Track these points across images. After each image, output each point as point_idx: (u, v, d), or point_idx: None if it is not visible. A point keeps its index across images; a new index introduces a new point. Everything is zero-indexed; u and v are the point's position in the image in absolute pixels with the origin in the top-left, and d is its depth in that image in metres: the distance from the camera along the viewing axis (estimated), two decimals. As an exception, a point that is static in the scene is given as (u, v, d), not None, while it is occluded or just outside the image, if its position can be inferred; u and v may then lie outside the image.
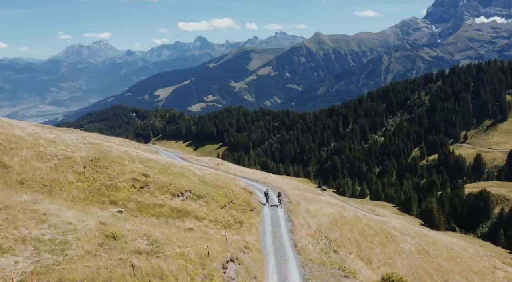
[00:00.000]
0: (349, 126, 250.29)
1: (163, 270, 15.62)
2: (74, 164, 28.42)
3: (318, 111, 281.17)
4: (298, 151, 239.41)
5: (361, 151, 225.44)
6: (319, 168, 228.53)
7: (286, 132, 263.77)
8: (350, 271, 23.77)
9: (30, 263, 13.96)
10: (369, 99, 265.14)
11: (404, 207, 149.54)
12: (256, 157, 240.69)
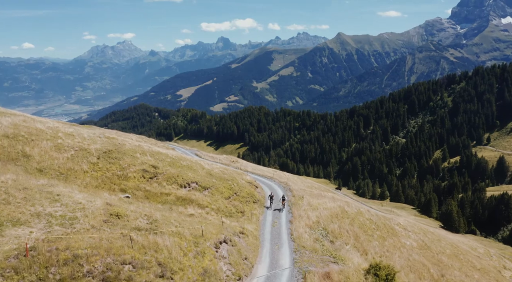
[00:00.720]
0: (370, 128, 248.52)
1: (159, 244, 17.62)
2: (89, 155, 30.90)
3: (339, 112, 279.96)
4: (319, 152, 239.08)
5: (382, 152, 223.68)
6: (339, 169, 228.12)
7: (306, 133, 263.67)
8: (340, 258, 25.25)
9: (43, 233, 16.21)
10: (391, 100, 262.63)
11: (424, 209, 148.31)
12: (276, 157, 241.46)
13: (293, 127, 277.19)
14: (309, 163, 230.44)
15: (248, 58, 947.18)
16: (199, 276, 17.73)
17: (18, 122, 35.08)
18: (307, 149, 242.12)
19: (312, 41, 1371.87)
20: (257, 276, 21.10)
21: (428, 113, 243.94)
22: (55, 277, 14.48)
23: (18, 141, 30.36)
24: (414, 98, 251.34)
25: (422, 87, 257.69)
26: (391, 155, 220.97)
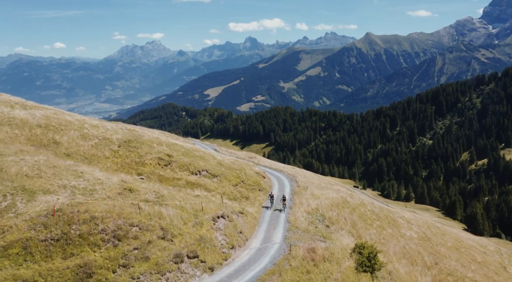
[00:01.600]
0: (396, 128, 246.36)
1: (162, 213, 20.99)
2: (111, 143, 34.77)
3: (365, 113, 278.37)
4: (344, 152, 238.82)
5: (408, 154, 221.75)
6: (365, 170, 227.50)
7: (332, 133, 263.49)
8: (330, 239, 27.94)
9: (67, 199, 19.86)
10: (418, 101, 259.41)
11: (449, 211, 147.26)
12: (302, 157, 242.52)
13: (318, 128, 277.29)
14: (334, 164, 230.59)
15: (276, 58, 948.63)
16: (196, 241, 20.98)
17: (50, 115, 39.48)
18: (333, 149, 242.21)
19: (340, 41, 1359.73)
20: (250, 247, 24.14)
21: (456, 114, 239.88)
22: (75, 232, 18.04)
23: (49, 130, 34.59)
24: (441, 99, 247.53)
25: (450, 88, 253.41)
26: (417, 156, 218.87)
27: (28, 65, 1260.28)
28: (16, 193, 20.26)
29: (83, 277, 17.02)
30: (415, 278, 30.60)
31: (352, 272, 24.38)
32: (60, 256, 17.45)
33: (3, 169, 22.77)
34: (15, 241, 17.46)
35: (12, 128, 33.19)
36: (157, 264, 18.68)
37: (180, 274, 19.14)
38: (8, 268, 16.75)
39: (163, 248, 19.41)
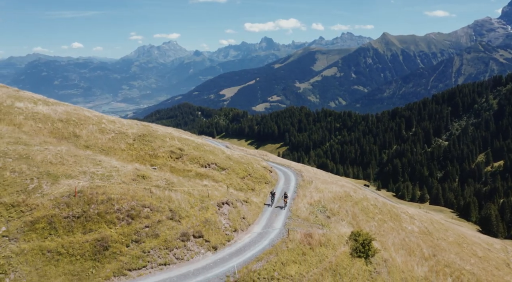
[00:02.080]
0: (412, 129, 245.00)
1: (172, 197, 23.26)
2: (127, 137, 37.28)
3: (380, 113, 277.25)
4: (359, 153, 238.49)
5: (423, 155, 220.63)
6: (379, 171, 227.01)
7: (347, 134, 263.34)
8: (328, 227, 29.82)
9: (87, 183, 22.29)
10: (434, 102, 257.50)
11: (463, 213, 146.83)
12: (316, 157, 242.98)
13: (333, 128, 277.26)
14: (348, 164, 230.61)
15: (291, 59, 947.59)
16: (201, 223, 23.18)
17: (70, 111, 42.26)
18: (347, 150, 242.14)
19: (357, 41, 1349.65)
20: (252, 232, 26.22)
21: (472, 115, 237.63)
22: (94, 211, 20.42)
23: (69, 124, 37.29)
24: (458, 100, 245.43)
25: (467, 89, 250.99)
26: (432, 158, 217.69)
27: (46, 65, 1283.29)
28: (41, 177, 22.79)
29: (100, 250, 19.36)
30: (411, 267, 32.19)
31: (346, 257, 26.21)
32: (80, 231, 19.85)
33: (30, 156, 25.36)
34: (41, 217, 19.93)
35: (36, 122, 35.96)
36: (165, 241, 20.94)
37: (186, 251, 21.34)
38: (35, 240, 19.20)
39: (171, 227, 21.68)
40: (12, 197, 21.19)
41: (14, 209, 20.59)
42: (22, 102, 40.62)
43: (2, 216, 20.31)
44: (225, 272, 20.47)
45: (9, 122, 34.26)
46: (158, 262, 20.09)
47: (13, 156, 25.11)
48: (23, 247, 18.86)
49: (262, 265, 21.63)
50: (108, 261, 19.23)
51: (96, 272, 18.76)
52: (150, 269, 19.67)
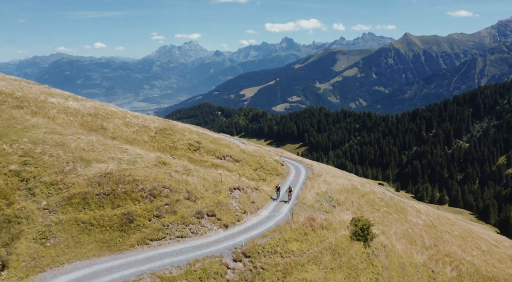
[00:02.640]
0: (432, 131, 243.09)
1: (188, 181, 26.29)
2: (149, 130, 40.63)
3: (401, 114, 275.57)
4: (378, 154, 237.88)
5: (443, 156, 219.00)
6: (399, 172, 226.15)
7: (367, 135, 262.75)
8: (331, 213, 32.31)
9: (115, 166, 25.53)
10: (455, 103, 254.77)
11: (482, 215, 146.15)
12: (335, 158, 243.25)
13: (353, 129, 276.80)
14: (368, 165, 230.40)
15: (312, 59, 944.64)
16: (214, 204, 26.14)
17: (98, 106, 45.97)
18: (367, 151, 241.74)
19: (378, 41, 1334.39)
20: (260, 215, 29.06)
21: (494, 117, 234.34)
22: (121, 190, 23.62)
23: (98, 118, 40.86)
24: (479, 102, 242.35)
25: (488, 90, 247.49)
26: (453, 159, 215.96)
27: (69, 65, 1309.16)
28: (76, 161, 26.16)
29: (126, 222, 22.51)
30: (411, 254, 34.37)
31: (346, 239, 28.72)
32: (110, 206, 23.06)
33: (65, 144, 28.82)
34: (77, 194, 23.23)
35: (67, 116, 39.65)
36: (182, 217, 23.96)
37: (200, 227, 24.32)
38: (71, 212, 22.50)
39: (187, 206, 24.69)
40: (51, 177, 24.60)
41: (53, 187, 23.98)
42: (54, 98, 44.47)
43: (43, 192, 23.72)
44: (233, 245, 23.34)
45: (44, 115, 38.01)
46: (176, 234, 23.11)
47: (50, 143, 28.61)
48: (61, 218, 22.16)
49: (266, 240, 24.43)
50: (133, 232, 22.35)
51: (122, 241, 21.88)
52: (168, 240, 22.70)
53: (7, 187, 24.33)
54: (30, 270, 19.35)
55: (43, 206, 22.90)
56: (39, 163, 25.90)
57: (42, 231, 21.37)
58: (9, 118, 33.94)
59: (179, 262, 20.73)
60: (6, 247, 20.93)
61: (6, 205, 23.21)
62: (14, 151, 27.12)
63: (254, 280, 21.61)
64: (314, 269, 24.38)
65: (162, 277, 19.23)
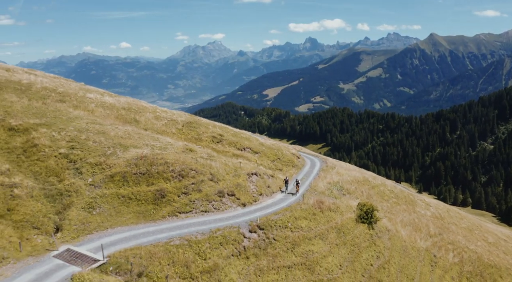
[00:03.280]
0: (456, 132, 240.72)
1: (212, 165, 30.19)
2: (176, 123, 44.79)
3: (424, 115, 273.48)
4: (401, 155, 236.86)
5: (467, 158, 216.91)
6: (422, 174, 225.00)
7: (390, 136, 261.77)
8: (340, 199, 35.54)
9: (149, 151, 29.64)
10: (480, 104, 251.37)
11: (505, 217, 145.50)
12: (358, 159, 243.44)
13: (376, 130, 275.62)
14: (390, 166, 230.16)
15: (336, 59, 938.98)
16: (234, 185, 29.90)
17: (130, 101, 50.49)
18: (389, 152, 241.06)
19: (403, 42, 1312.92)
20: (274, 197, 32.66)
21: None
22: (155, 170, 27.69)
23: (131, 112, 45.26)
24: (505, 103, 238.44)
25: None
26: (477, 161, 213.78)
27: (95, 64, 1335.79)
28: (115, 146, 30.39)
29: (159, 197, 26.50)
30: (414, 239, 37.24)
31: (351, 221, 31.97)
32: (145, 184, 27.11)
33: (105, 132, 33.15)
34: (117, 173, 27.39)
35: (104, 109, 44.19)
36: (206, 195, 27.82)
37: (221, 204, 28.12)
38: (112, 188, 26.65)
39: (211, 186, 28.55)
40: (95, 159, 28.88)
41: (97, 167, 28.23)
42: (91, 94, 49.18)
43: (89, 171, 27.99)
44: (250, 219, 27.04)
45: (84, 108, 42.62)
46: (200, 209, 26.96)
47: (93, 131, 32.99)
48: (104, 192, 26.33)
49: (278, 217, 28.04)
50: (164, 205, 26.32)
51: (155, 212, 25.86)
52: (194, 214, 26.57)
53: (57, 167, 28.70)
54: (80, 232, 23.52)
55: (89, 182, 27.13)
56: (84, 147, 30.25)
57: (89, 202, 25.56)
58: (55, 111, 38.58)
59: (203, 230, 24.56)
60: (59, 214, 25.20)
61: (58, 181, 27.53)
62: (62, 137, 31.54)
63: (267, 248, 25.24)
64: (320, 243, 27.80)
65: (189, 240, 23.07)
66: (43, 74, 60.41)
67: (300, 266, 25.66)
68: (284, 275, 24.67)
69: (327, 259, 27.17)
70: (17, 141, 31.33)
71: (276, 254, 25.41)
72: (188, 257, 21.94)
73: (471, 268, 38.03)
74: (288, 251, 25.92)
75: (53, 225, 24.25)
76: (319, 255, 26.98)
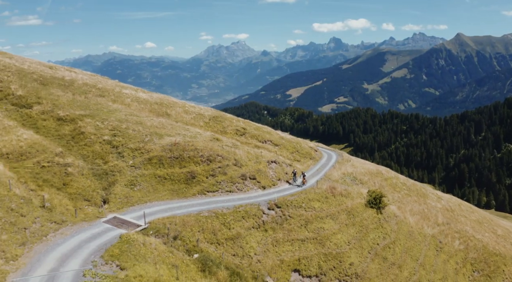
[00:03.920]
0: (481, 134, 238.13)
1: (236, 152, 34.16)
2: (203, 117, 49.02)
3: (449, 116, 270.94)
4: (425, 156, 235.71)
5: (492, 160, 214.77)
6: (445, 175, 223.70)
7: (413, 137, 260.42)
8: (352, 187, 38.85)
9: (181, 139, 33.75)
10: (506, 105, 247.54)
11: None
12: (380, 159, 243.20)
13: (399, 130, 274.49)
14: (413, 167, 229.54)
15: (360, 59, 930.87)
16: (255, 171, 33.76)
17: (162, 97, 55.04)
18: (413, 153, 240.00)
19: (429, 42, 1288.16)
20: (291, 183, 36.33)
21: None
22: (186, 155, 31.82)
23: (163, 106, 49.70)
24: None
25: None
26: (502, 164, 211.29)
27: (120, 63, 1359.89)
28: (152, 134, 34.69)
29: (190, 178, 30.61)
30: (421, 226, 40.17)
31: (361, 205, 35.31)
32: (178, 166, 31.26)
33: (142, 122, 37.53)
34: (154, 156, 31.68)
35: (139, 104, 48.75)
36: (231, 177, 31.78)
37: (244, 186, 32.01)
38: (150, 169, 30.91)
39: (235, 170, 32.49)
40: (135, 144, 33.24)
41: (137, 151, 32.57)
42: (127, 90, 53.93)
43: (129, 155, 32.36)
44: (268, 199, 30.91)
45: (121, 102, 47.27)
46: (226, 189, 30.93)
47: (131, 122, 37.42)
48: (143, 172, 30.60)
49: (294, 198, 31.76)
50: (194, 185, 30.40)
51: (187, 191, 29.94)
52: (220, 193, 30.56)
53: (102, 151, 33.17)
54: (124, 204, 27.79)
55: (130, 164, 31.45)
56: (125, 135, 34.67)
57: (130, 180, 29.87)
58: (96, 104, 43.29)
59: (228, 206, 28.51)
60: (105, 190, 29.57)
61: (103, 163, 31.97)
62: (105, 126, 36.06)
63: (283, 223, 28.99)
64: (331, 222, 31.33)
65: (216, 213, 27.05)
66: (81, 71, 65.77)
67: (312, 240, 29.25)
68: (298, 247, 28.33)
69: (336, 236, 30.66)
70: (65, 129, 36.01)
71: (291, 229, 29.12)
72: (215, 226, 25.89)
73: (476, 255, 40.67)
74: (301, 227, 29.57)
75: (101, 198, 28.60)
76: (330, 232, 30.51)
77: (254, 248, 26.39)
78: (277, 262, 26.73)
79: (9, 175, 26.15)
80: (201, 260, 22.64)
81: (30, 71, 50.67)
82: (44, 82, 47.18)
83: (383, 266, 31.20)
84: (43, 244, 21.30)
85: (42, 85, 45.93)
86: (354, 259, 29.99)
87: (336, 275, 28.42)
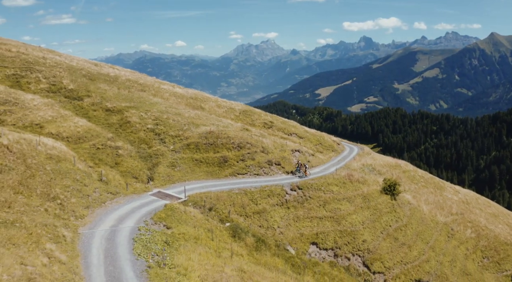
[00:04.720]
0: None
1: (263, 141, 38.27)
2: (234, 111, 53.39)
3: (481, 117, 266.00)
4: (455, 157, 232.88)
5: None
6: (475, 177, 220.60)
7: (444, 137, 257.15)
8: (369, 175, 42.26)
9: (215, 128, 38.14)
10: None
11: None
12: (410, 160, 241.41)
13: (429, 131, 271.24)
14: (443, 168, 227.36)
15: (391, 59, 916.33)
16: (280, 158, 37.81)
17: (196, 92, 59.86)
18: (443, 154, 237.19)
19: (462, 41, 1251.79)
20: (312, 170, 40.09)
21: None
22: (220, 142, 36.22)
23: (197, 100, 54.41)
24: None
25: None
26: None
27: (151, 62, 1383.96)
28: (189, 124, 39.27)
29: (222, 162, 34.95)
30: (434, 215, 43.12)
31: (376, 192, 38.74)
32: (212, 151, 35.67)
33: (180, 114, 42.21)
34: (192, 142, 36.19)
35: (176, 98, 53.65)
36: (258, 162, 35.93)
37: (270, 170, 36.09)
38: (188, 153, 35.44)
39: (262, 156, 36.64)
40: (175, 132, 37.88)
41: (176, 138, 37.19)
42: (165, 86, 59.02)
43: (170, 141, 37.03)
44: (291, 181, 34.88)
45: (161, 96, 52.26)
46: (254, 172, 35.12)
47: (171, 113, 42.17)
48: (182, 156, 35.17)
49: (314, 182, 35.63)
50: (226, 168, 34.75)
51: (220, 172, 34.34)
52: (249, 175, 34.79)
53: (146, 137, 38.00)
54: (166, 181, 32.41)
55: (171, 149, 36.11)
56: (166, 124, 39.42)
57: (171, 162, 34.51)
58: (139, 97, 48.39)
59: (255, 186, 32.73)
60: (150, 170, 34.30)
61: (148, 147, 36.78)
62: (148, 117, 40.93)
63: (304, 202, 32.94)
64: (347, 205, 35.01)
65: (245, 191, 31.30)
66: (122, 68, 71.53)
67: (329, 219, 33.05)
68: (316, 223, 32.20)
69: (351, 216, 34.31)
70: (113, 118, 41.12)
71: (310, 207, 33.01)
72: (244, 202, 30.13)
73: (487, 243, 43.25)
74: (320, 206, 33.40)
75: (147, 176, 33.34)
76: (345, 212, 34.20)
77: (278, 222, 30.47)
78: (297, 235, 30.69)
79: (72, 153, 31.19)
80: (232, 228, 26.92)
81: (78, 67, 56.48)
82: (91, 77, 52.78)
83: (394, 245, 34.58)
84: (102, 208, 26.03)
85: (90, 80, 51.50)
86: (367, 237, 33.56)
87: (350, 249, 32.10)
